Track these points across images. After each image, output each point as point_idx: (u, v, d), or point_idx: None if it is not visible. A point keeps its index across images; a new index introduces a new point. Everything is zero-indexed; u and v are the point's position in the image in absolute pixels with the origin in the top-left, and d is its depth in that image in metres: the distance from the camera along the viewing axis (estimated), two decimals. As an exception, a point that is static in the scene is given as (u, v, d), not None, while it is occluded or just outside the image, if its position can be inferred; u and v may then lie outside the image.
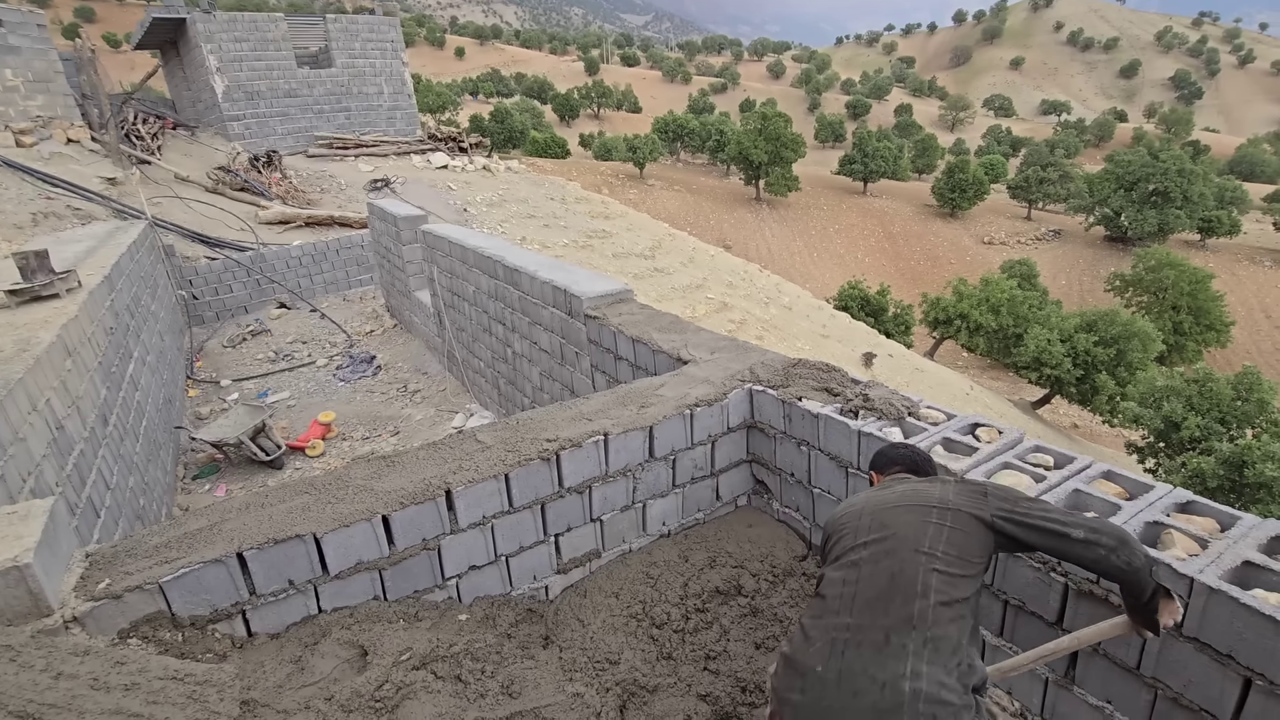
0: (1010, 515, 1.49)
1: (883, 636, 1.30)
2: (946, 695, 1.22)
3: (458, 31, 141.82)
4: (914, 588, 1.36)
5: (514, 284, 4.85)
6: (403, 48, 19.90)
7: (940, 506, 1.52)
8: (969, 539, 1.46)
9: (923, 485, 1.64)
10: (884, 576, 1.40)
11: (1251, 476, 11.80)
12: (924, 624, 1.30)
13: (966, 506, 1.50)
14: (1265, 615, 1.39)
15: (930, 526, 1.47)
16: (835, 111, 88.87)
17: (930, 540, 1.45)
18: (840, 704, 1.26)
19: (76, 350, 3.73)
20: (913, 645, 1.27)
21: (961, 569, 1.40)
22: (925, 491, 1.59)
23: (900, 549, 1.44)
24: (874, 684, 1.24)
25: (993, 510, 1.50)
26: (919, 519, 1.50)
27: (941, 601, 1.34)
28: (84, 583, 1.73)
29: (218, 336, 8.94)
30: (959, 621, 1.33)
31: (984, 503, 1.51)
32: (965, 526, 1.47)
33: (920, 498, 1.57)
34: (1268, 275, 38.04)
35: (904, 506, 1.55)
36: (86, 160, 11.76)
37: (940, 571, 1.39)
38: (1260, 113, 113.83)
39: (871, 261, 41.89)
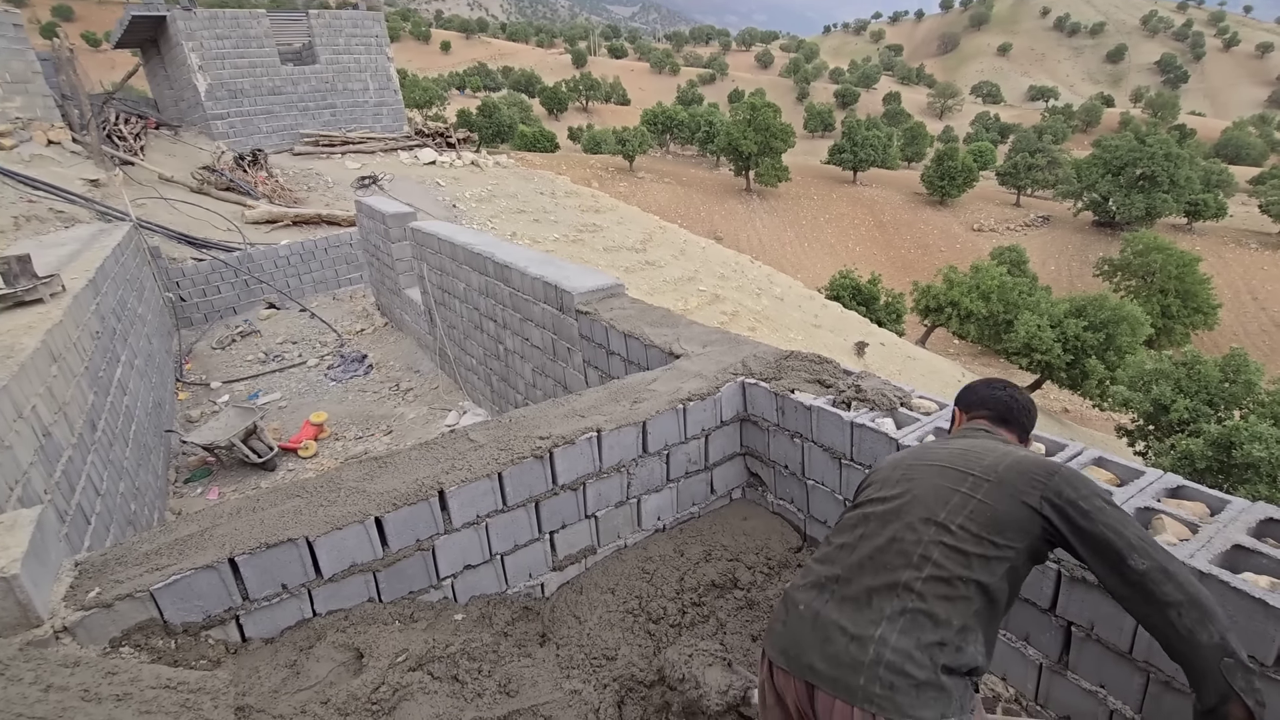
0: (1068, 505, 1.27)
1: (865, 595, 1.28)
2: (910, 668, 1.19)
3: (443, 25, 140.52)
4: (910, 557, 1.28)
5: (505, 280, 4.82)
6: (387, 42, 19.70)
7: (980, 476, 1.34)
8: (1001, 518, 1.29)
9: (985, 446, 1.44)
10: (884, 539, 1.33)
11: (1239, 457, 11.94)
12: (908, 594, 1.25)
13: (1015, 481, 1.31)
14: (1255, 598, 1.41)
15: (956, 495, 1.33)
16: (824, 101, 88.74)
17: (949, 510, 1.31)
18: (810, 645, 1.29)
19: (62, 356, 3.69)
20: (889, 611, 1.24)
21: (978, 547, 1.27)
22: (979, 454, 1.40)
23: (910, 513, 1.35)
24: (842, 636, 1.25)
25: (1046, 494, 1.28)
26: (948, 485, 1.35)
27: (937, 576, 1.25)
28: (74, 592, 1.72)
29: (206, 338, 8.86)
30: (955, 602, 1.24)
31: (1041, 484, 1.30)
32: (1001, 504, 1.30)
33: (967, 461, 1.39)
34: (1254, 257, 38.38)
35: (941, 467, 1.40)
36: (68, 162, 11.61)
37: (947, 546, 1.28)
38: (1245, 95, 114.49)
39: (862, 250, 41.98)
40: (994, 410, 1.62)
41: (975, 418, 1.64)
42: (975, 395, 1.68)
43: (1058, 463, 1.36)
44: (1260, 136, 73.38)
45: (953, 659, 1.22)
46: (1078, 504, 1.27)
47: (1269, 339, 33.64)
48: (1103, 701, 1.77)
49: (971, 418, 1.66)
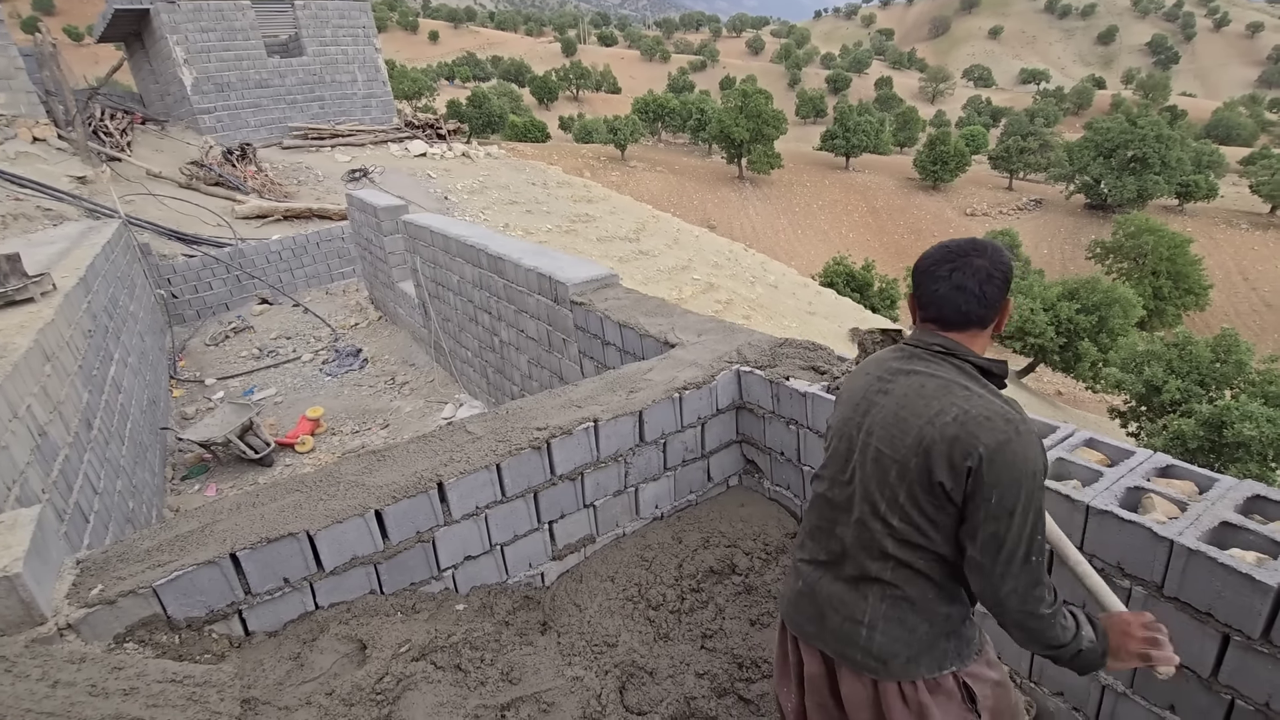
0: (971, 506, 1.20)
1: (854, 576, 1.36)
2: (898, 647, 1.30)
3: (431, 15, 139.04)
4: (872, 549, 1.31)
5: (498, 272, 4.82)
6: (375, 33, 19.51)
7: (902, 465, 1.25)
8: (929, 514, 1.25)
9: (912, 409, 1.27)
10: (846, 528, 1.36)
11: (1230, 436, 12.06)
12: (881, 582, 1.32)
13: (930, 473, 1.22)
14: (1242, 574, 1.43)
15: (888, 490, 1.28)
16: (815, 86, 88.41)
17: (888, 505, 1.28)
18: (812, 616, 1.42)
19: (55, 355, 3.68)
20: (873, 597, 1.32)
21: (923, 535, 1.25)
22: (906, 429, 1.26)
23: (860, 507, 1.33)
24: (837, 614, 1.37)
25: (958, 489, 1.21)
26: (884, 476, 1.28)
27: (900, 563, 1.28)
28: (76, 589, 1.73)
29: (200, 335, 8.82)
30: (926, 579, 1.28)
31: (956, 478, 1.20)
32: (924, 496, 1.24)
33: (896, 439, 1.28)
34: (1244, 238, 38.54)
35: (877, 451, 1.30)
36: (54, 159, 11.48)
37: (897, 539, 1.28)
38: (1236, 75, 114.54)
39: (856, 237, 41.98)
40: (939, 312, 1.32)
41: (924, 321, 1.36)
42: (919, 290, 1.35)
43: (983, 442, 1.18)
44: (1251, 117, 73.50)
45: (942, 627, 1.32)
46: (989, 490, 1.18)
47: (1260, 319, 33.86)
48: (1094, 677, 1.80)
49: (921, 320, 1.37)
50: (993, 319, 1.33)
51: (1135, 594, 1.66)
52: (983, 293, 1.29)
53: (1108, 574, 1.70)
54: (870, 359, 1.48)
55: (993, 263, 1.30)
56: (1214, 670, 1.55)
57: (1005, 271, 1.31)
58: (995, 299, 1.31)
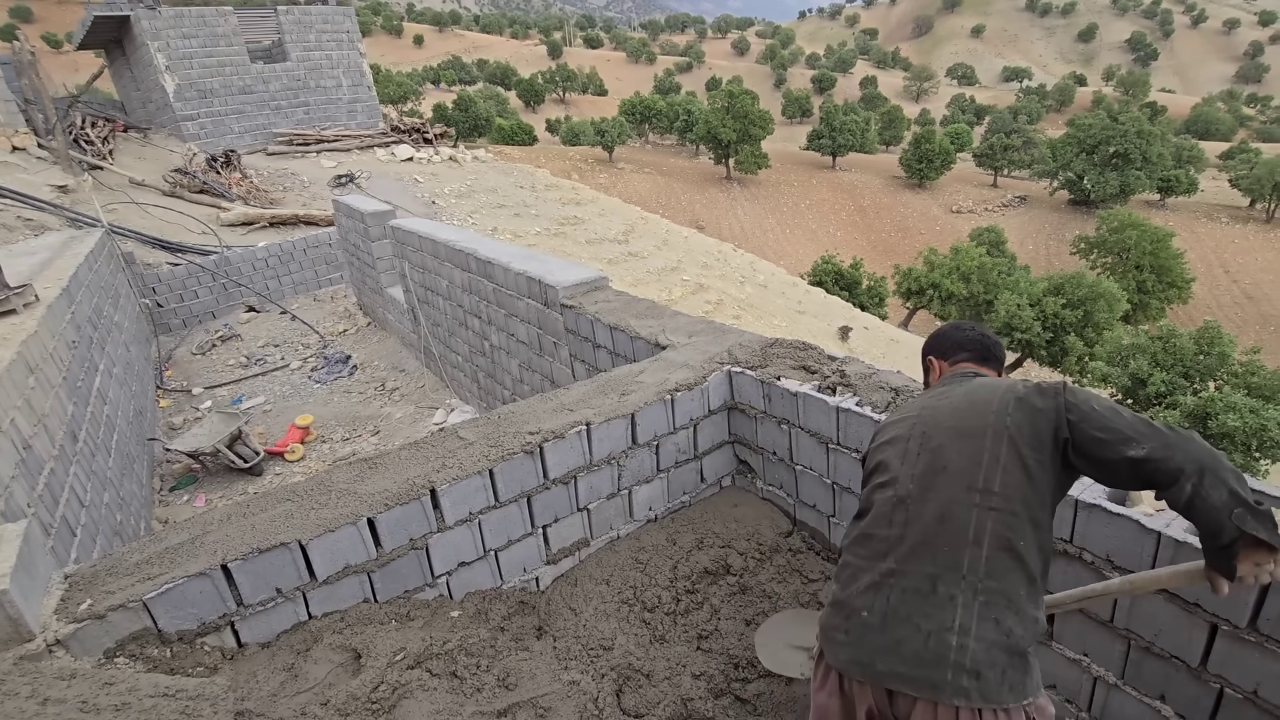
0: (1082, 420, 1.24)
1: (929, 584, 1.23)
2: (995, 654, 1.17)
3: (415, 19, 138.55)
4: (965, 533, 1.23)
5: (488, 276, 4.81)
6: (359, 38, 19.41)
7: (996, 428, 1.28)
8: (1032, 469, 1.25)
9: (982, 392, 1.37)
10: (931, 518, 1.27)
11: (1215, 427, 12.22)
12: (975, 574, 1.20)
13: (1030, 424, 1.27)
14: (1229, 564, 1.45)
15: (984, 454, 1.27)
16: (801, 86, 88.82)
17: (985, 474, 1.25)
18: (883, 649, 1.23)
19: (39, 367, 3.63)
20: (962, 598, 1.20)
21: (1024, 507, 1.23)
22: (984, 400, 1.34)
23: (950, 486, 1.28)
24: (918, 633, 1.21)
25: (1060, 415, 1.26)
26: (972, 445, 1.29)
27: (999, 548, 1.21)
28: (65, 605, 1.70)
29: (186, 344, 8.74)
30: (1021, 569, 1.21)
31: (1052, 408, 1.26)
32: (1027, 453, 1.25)
33: (978, 412, 1.33)
34: (1225, 231, 39.10)
35: (957, 427, 1.34)
36: (35, 168, 11.34)
37: (996, 511, 1.23)
38: (1213, 71, 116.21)
39: (843, 235, 42.20)
40: (975, 351, 1.63)
41: (958, 362, 1.63)
42: (951, 340, 1.66)
43: (1056, 385, 1.31)
44: (1229, 112, 74.63)
45: (1032, 629, 1.22)
46: (1087, 415, 1.24)
47: (1241, 311, 34.34)
48: (1086, 669, 1.82)
49: (954, 363, 1.64)
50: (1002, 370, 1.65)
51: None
52: (999, 344, 1.68)
53: (1097, 567, 1.72)
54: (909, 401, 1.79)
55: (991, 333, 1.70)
56: (1203, 659, 1.57)
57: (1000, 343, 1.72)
58: (1003, 356, 1.68)
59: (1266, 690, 1.47)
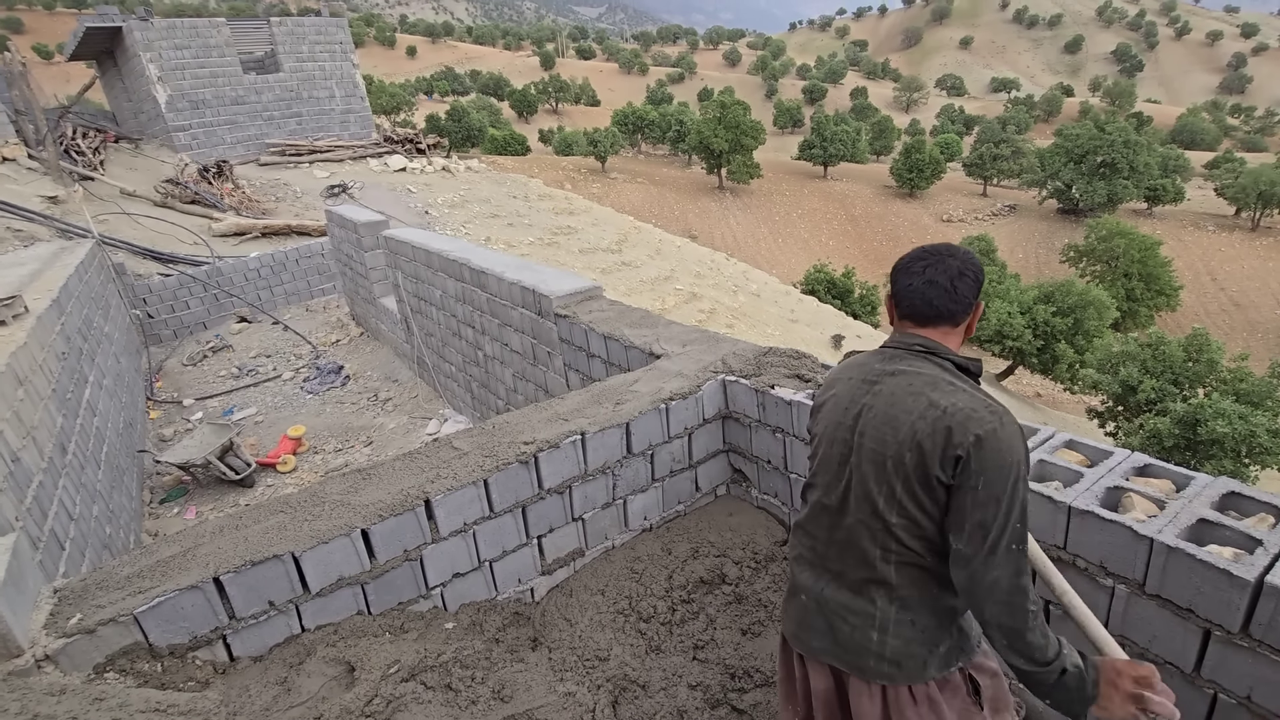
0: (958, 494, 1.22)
1: (855, 586, 1.35)
2: (913, 648, 1.30)
3: (408, 30, 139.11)
4: (873, 551, 1.31)
5: (481, 286, 4.81)
6: (352, 49, 19.47)
7: (896, 461, 1.27)
8: (925, 505, 1.26)
9: (900, 410, 1.30)
10: (846, 532, 1.35)
11: (1204, 434, 12.31)
12: (888, 584, 1.31)
13: (922, 469, 1.25)
14: (1220, 569, 1.46)
15: (884, 489, 1.29)
16: (792, 97, 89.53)
17: (882, 507, 1.29)
18: (817, 632, 1.40)
19: (28, 379, 3.60)
20: (880, 602, 1.31)
21: (920, 530, 1.27)
22: (895, 427, 1.29)
23: (858, 510, 1.33)
24: (845, 624, 1.35)
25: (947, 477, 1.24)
26: (878, 475, 1.30)
27: (902, 561, 1.29)
28: (54, 619, 1.68)
29: (177, 355, 8.68)
30: (927, 577, 1.29)
31: (945, 467, 1.23)
32: (920, 490, 1.26)
33: (885, 440, 1.30)
34: (1211, 239, 39.54)
35: (872, 452, 1.32)
36: (25, 179, 11.29)
37: (895, 537, 1.29)
38: (1198, 82, 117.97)
39: (835, 244, 42.43)
40: (913, 308, 1.37)
41: (901, 320, 1.41)
42: (895, 288, 1.40)
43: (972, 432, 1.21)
44: (1214, 122, 75.66)
45: (949, 620, 1.32)
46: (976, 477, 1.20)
47: (1228, 318, 34.68)
48: (1082, 676, 1.83)
49: (899, 319, 1.42)
50: (964, 318, 1.38)
51: (1118, 592, 1.69)
52: (954, 288, 1.34)
53: (1091, 574, 1.73)
54: (849, 362, 1.49)
55: (964, 262, 1.36)
56: (1196, 666, 1.58)
57: (976, 271, 1.36)
58: (966, 295, 1.35)
59: (1260, 695, 1.48)
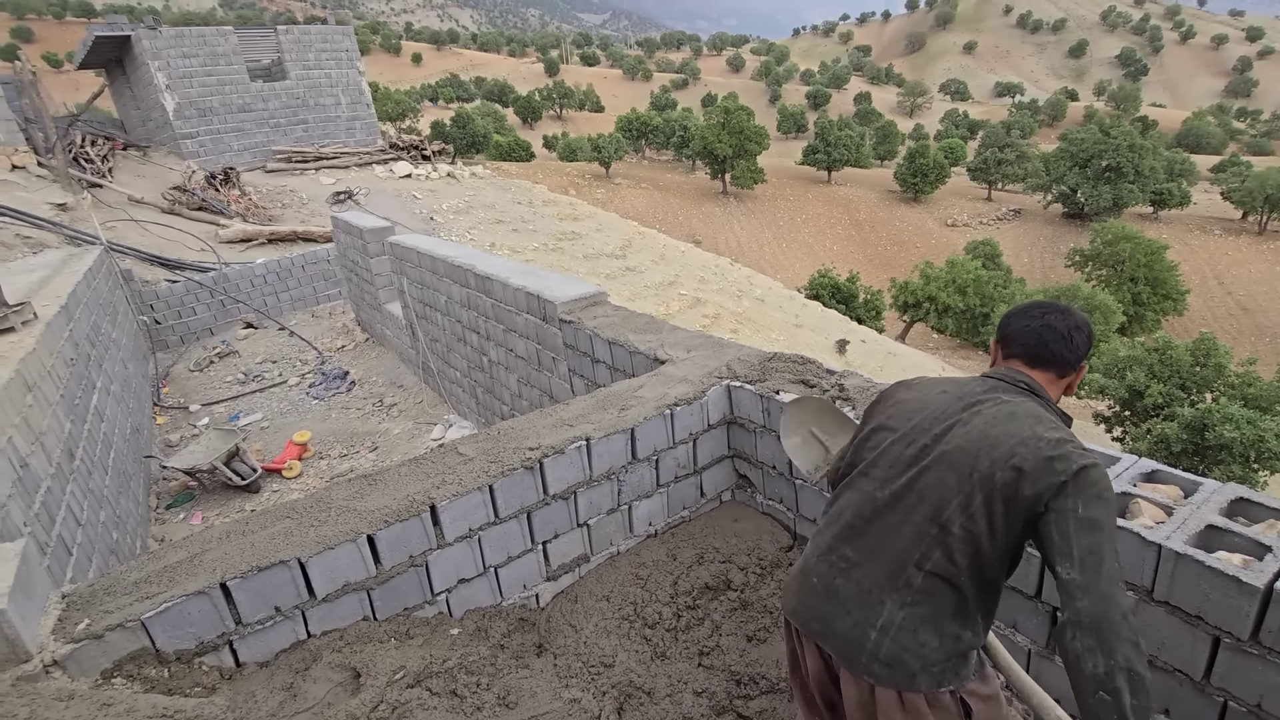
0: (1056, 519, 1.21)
1: (870, 583, 1.33)
2: (906, 657, 1.28)
3: (413, 37, 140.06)
4: (913, 555, 1.30)
5: (486, 292, 4.82)
6: (358, 56, 19.60)
7: (985, 477, 1.27)
8: (997, 527, 1.26)
9: (1000, 432, 1.30)
10: (890, 530, 1.34)
11: (1213, 439, 12.23)
12: (908, 589, 1.29)
13: (1020, 488, 1.24)
14: (1229, 576, 1.45)
15: (960, 496, 1.28)
16: (796, 102, 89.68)
17: (950, 513, 1.28)
18: (819, 617, 1.39)
19: (37, 384, 3.63)
20: (890, 605, 1.30)
21: (976, 549, 1.27)
22: (990, 446, 1.29)
23: (916, 510, 1.32)
24: (849, 617, 1.34)
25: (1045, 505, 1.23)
26: (954, 482, 1.29)
27: (937, 574, 1.28)
28: (62, 624, 1.69)
29: (183, 361, 8.73)
30: (954, 599, 1.28)
31: (1043, 496, 1.23)
32: (1001, 509, 1.26)
33: (976, 453, 1.29)
34: (1218, 243, 39.36)
35: (950, 459, 1.31)
36: (34, 186, 11.39)
37: (948, 547, 1.28)
38: (1203, 86, 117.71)
39: (840, 249, 42.40)
40: (1026, 348, 1.42)
41: (1009, 358, 1.46)
42: (1011, 327, 1.46)
43: (1076, 461, 1.23)
44: (1219, 126, 75.47)
45: (950, 647, 1.29)
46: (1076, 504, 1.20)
47: (1236, 322, 34.48)
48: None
49: (1006, 358, 1.47)
50: (1071, 370, 1.43)
51: (1126, 599, 1.68)
52: (1070, 336, 1.41)
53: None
54: (946, 379, 1.52)
55: (1081, 320, 1.44)
56: (1206, 673, 1.56)
57: (1090, 331, 1.44)
58: (1080, 348, 1.41)
59: (1270, 703, 1.47)
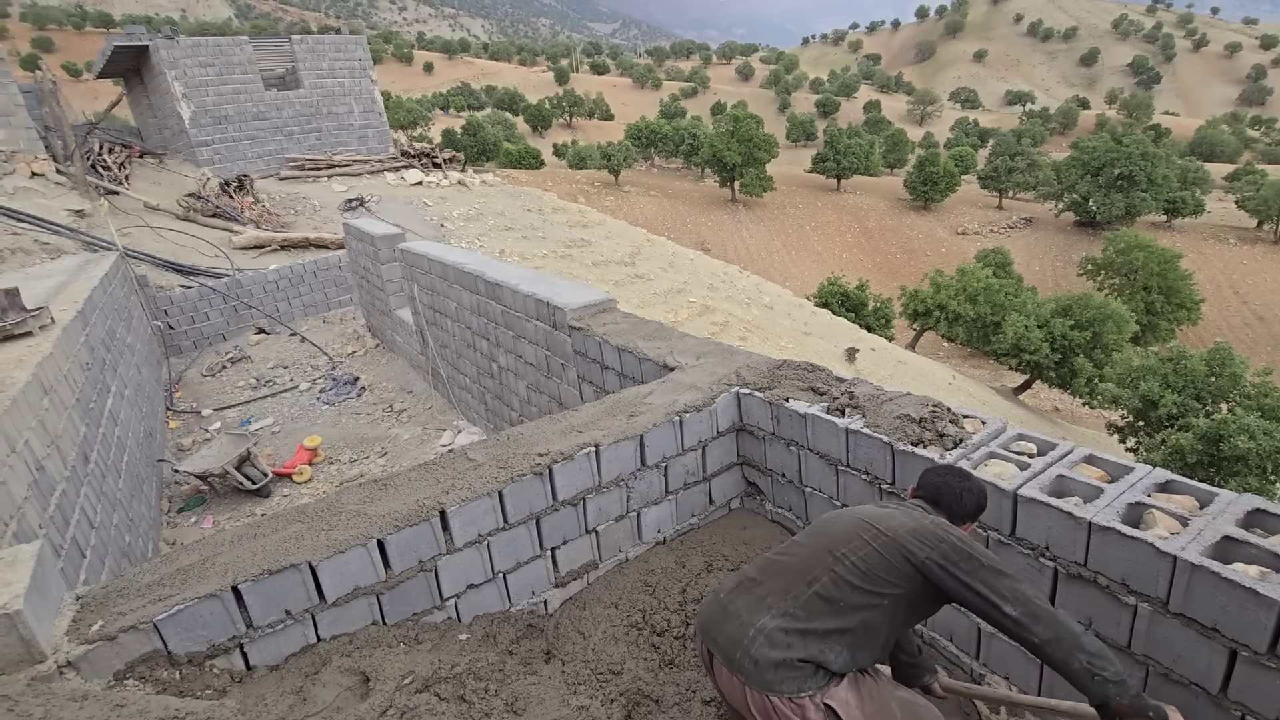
0: (942, 566, 1.51)
1: (764, 594, 1.59)
2: (770, 651, 1.49)
3: (425, 46, 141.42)
4: (806, 575, 1.58)
5: (496, 298, 4.84)
6: (371, 65, 19.82)
7: (880, 529, 1.60)
8: (885, 565, 1.54)
9: (902, 514, 1.67)
10: (797, 560, 1.63)
11: (1228, 450, 12.06)
12: (793, 601, 1.54)
13: (904, 541, 1.56)
14: (1246, 588, 1.44)
15: (855, 539, 1.60)
16: (805, 111, 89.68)
17: (846, 548, 1.59)
18: (717, 623, 1.62)
19: (53, 388, 3.67)
20: (773, 610, 1.55)
21: (861, 581, 1.53)
22: (899, 519, 1.64)
23: (820, 547, 1.63)
24: (736, 620, 1.58)
25: (925, 556, 1.53)
26: (857, 531, 1.63)
27: (821, 595, 1.54)
28: (76, 626, 1.71)
29: (196, 366, 8.81)
30: (829, 617, 1.52)
31: (925, 548, 1.54)
32: (888, 554, 1.55)
33: (881, 520, 1.64)
34: (1233, 252, 38.95)
35: (862, 520, 1.66)
36: (53, 193, 11.56)
37: (835, 573, 1.56)
38: (1216, 94, 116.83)
39: (849, 257, 42.28)
40: (927, 492, 1.77)
41: (916, 495, 1.81)
42: (923, 478, 1.84)
43: (952, 537, 1.56)
44: (1233, 134, 74.79)
45: (809, 653, 1.50)
46: (950, 565, 1.51)
47: (1252, 332, 34.07)
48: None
49: (914, 494, 1.83)
50: (961, 522, 1.71)
51: (1141, 611, 1.66)
52: (960, 495, 1.72)
53: (1112, 591, 1.70)
54: None
55: (976, 485, 1.75)
56: (1223, 687, 1.54)
57: (978, 500, 1.73)
58: (967, 506, 1.72)
59: (1289, 718, 1.45)
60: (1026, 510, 1.87)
